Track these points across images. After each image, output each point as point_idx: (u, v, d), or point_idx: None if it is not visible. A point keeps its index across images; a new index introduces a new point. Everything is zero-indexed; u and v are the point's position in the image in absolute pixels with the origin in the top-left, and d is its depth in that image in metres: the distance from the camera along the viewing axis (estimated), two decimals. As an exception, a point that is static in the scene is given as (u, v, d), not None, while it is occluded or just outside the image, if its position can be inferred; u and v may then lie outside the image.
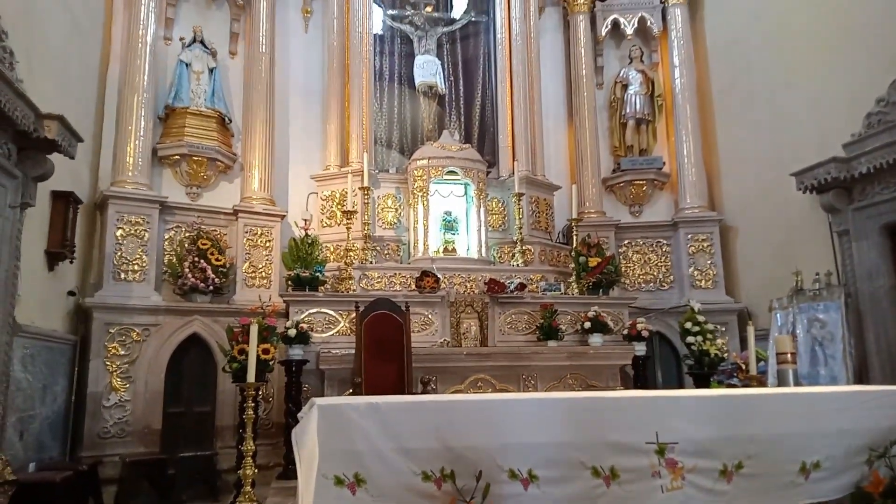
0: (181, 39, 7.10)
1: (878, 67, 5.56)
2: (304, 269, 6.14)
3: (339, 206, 7.10)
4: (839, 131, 5.83)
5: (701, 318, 6.19)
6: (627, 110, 8.43)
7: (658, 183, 8.33)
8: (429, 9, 8.53)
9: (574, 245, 7.29)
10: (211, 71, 7.07)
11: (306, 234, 6.44)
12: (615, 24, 8.51)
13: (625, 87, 8.51)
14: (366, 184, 6.82)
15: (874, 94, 5.52)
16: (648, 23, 8.46)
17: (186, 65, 6.95)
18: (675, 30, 8.31)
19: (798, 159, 6.23)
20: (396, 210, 7.29)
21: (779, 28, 7.07)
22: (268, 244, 6.92)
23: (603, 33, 8.52)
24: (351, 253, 6.60)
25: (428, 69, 8.37)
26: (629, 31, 8.49)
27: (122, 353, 6.00)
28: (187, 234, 6.48)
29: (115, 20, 6.90)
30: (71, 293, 5.77)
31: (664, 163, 8.33)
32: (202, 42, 7.14)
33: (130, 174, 6.35)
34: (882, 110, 5.52)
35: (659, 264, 8.05)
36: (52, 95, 4.99)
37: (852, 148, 5.71)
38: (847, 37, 6.07)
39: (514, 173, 7.36)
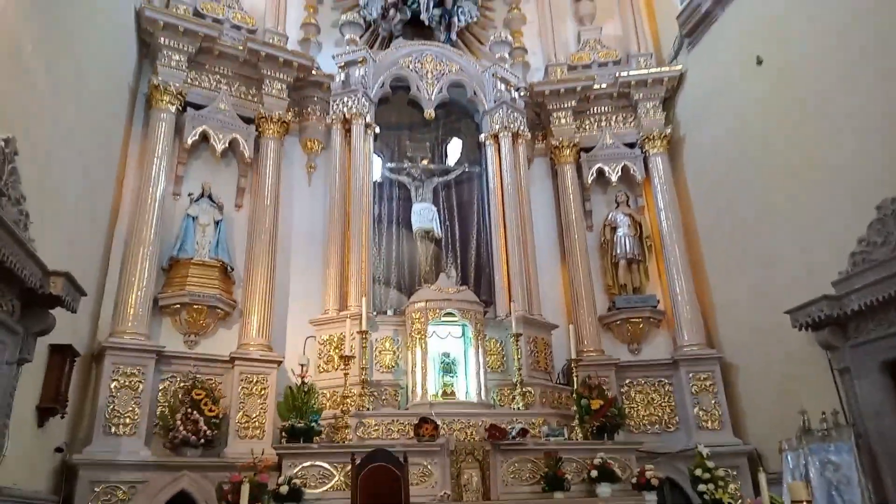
0: (190, 195, 7.48)
1: (858, 205, 5.77)
2: (300, 419, 6.00)
3: (337, 351, 7.07)
4: (827, 267, 5.98)
5: (711, 464, 5.98)
6: (618, 251, 8.68)
7: (654, 321, 8.38)
8: (425, 161, 9.06)
9: (575, 386, 7.19)
10: (216, 223, 7.37)
11: (303, 382, 6.36)
12: (600, 172, 8.98)
13: (614, 229, 8.82)
14: (364, 328, 6.85)
15: (856, 231, 5.70)
16: (632, 171, 8.96)
17: (193, 218, 7.26)
18: (657, 176, 8.78)
19: (790, 295, 6.33)
20: (394, 353, 7.26)
21: (757, 170, 7.42)
22: (263, 392, 6.82)
23: (589, 181, 8.97)
24: (348, 399, 6.49)
25: (425, 216, 8.72)
26: (614, 178, 8.95)
27: (106, 514, 5.69)
28: (182, 385, 6.41)
29: (127, 177, 7.31)
30: (59, 449, 5.58)
31: (658, 301, 8.44)
32: (210, 196, 7.51)
33: (130, 324, 6.41)
34: (865, 249, 5.69)
35: (663, 404, 7.89)
36: (60, 250, 5.16)
37: (842, 286, 5.83)
38: (825, 177, 6.34)
39: (510, 314, 7.42)
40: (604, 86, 9.21)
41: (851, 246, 5.77)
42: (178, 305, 6.86)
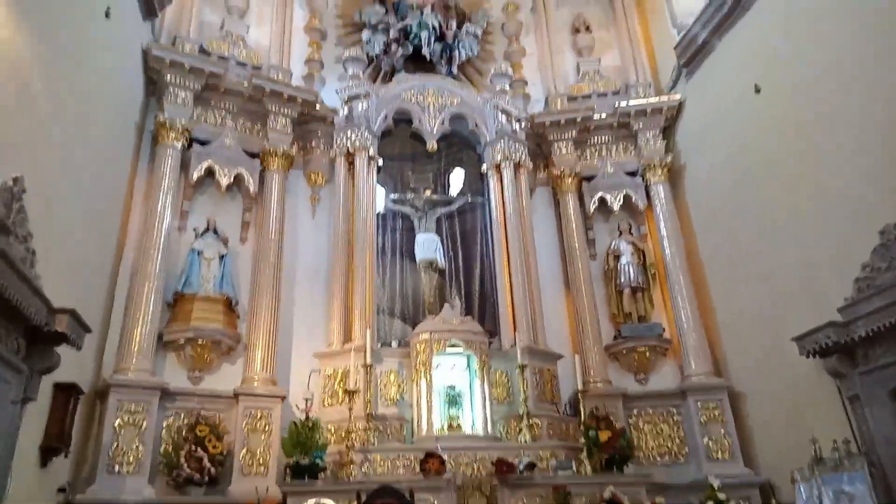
0: (195, 229, 7.52)
1: (861, 231, 5.74)
2: (304, 455, 5.94)
3: (342, 384, 7.02)
4: (832, 293, 5.94)
5: (722, 496, 5.88)
6: (622, 279, 8.66)
7: (661, 349, 8.32)
8: (428, 192, 9.13)
9: (582, 417, 7.11)
10: (221, 257, 7.40)
11: (307, 417, 6.31)
12: (602, 200, 9.00)
13: (617, 257, 8.81)
14: (368, 361, 6.82)
15: (860, 256, 5.67)
16: (633, 199, 8.98)
17: (198, 252, 7.29)
18: (659, 205, 8.81)
19: (796, 322, 6.28)
20: (399, 386, 7.20)
21: (758, 197, 7.42)
22: (267, 427, 6.76)
23: (591, 209, 9.00)
24: (353, 434, 6.42)
25: (428, 247, 8.75)
26: (616, 207, 8.97)
27: (106, 556, 5.60)
28: (186, 421, 6.36)
29: (132, 212, 7.37)
30: (61, 489, 5.52)
31: (664, 329, 8.39)
32: (215, 230, 7.55)
33: (135, 360, 6.39)
34: (869, 275, 5.66)
35: (672, 435, 7.78)
36: (66, 286, 5.18)
37: (848, 312, 5.78)
38: (827, 202, 6.33)
39: (515, 344, 7.39)
40: (603, 116, 9.30)
41: (856, 271, 5.74)
42: (183, 341, 6.85)
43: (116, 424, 6.07)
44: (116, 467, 5.95)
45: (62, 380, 5.27)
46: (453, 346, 7.25)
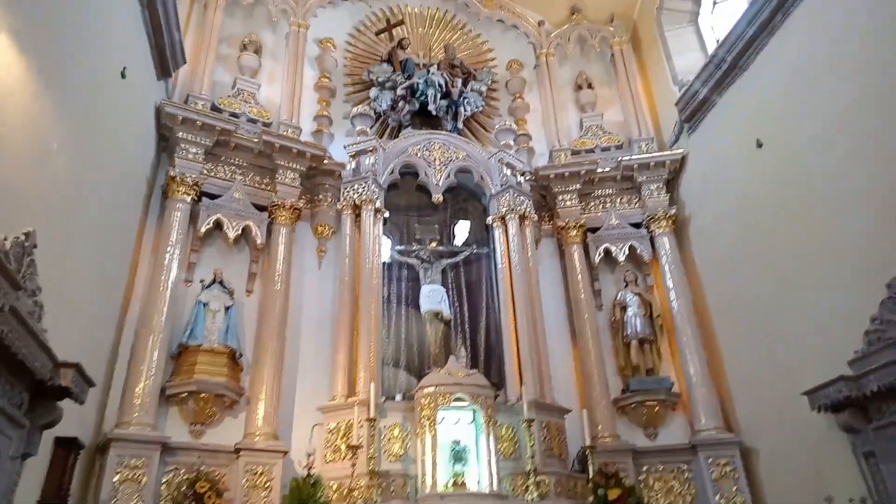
0: (201, 281, 7.57)
1: (869, 283, 5.72)
2: (306, 513, 5.81)
3: (345, 440, 6.89)
4: (843, 346, 5.86)
5: (736, 558, 5.66)
6: (629, 331, 8.60)
7: (670, 403, 8.19)
8: (434, 243, 9.19)
9: (590, 474, 6.94)
10: (227, 309, 7.42)
11: (309, 474, 6.20)
12: (607, 251, 9.05)
13: (624, 308, 8.78)
14: (372, 415, 6.72)
15: (869, 308, 5.62)
16: (638, 250, 9.02)
17: (204, 304, 7.32)
18: (664, 256, 8.83)
19: (807, 375, 6.20)
20: (403, 440, 7.07)
21: (765, 248, 7.44)
22: (268, 484, 6.64)
23: (597, 260, 9.03)
24: (355, 492, 6.28)
25: (433, 298, 8.74)
26: (621, 257, 9.01)
27: None
28: (186, 477, 6.26)
29: (140, 265, 7.45)
30: (57, 548, 5.39)
31: (672, 383, 8.28)
32: (221, 282, 7.60)
33: (136, 415, 6.35)
34: (879, 328, 5.60)
35: (683, 493, 7.56)
36: (72, 339, 5.19)
37: (858, 365, 5.70)
38: (833, 255, 6.34)
39: (522, 397, 7.28)
40: (607, 169, 9.44)
41: (865, 323, 5.68)
42: (186, 394, 6.81)
43: (116, 480, 5.97)
44: (115, 525, 5.82)
45: (63, 434, 5.22)
46: (458, 399, 7.15)
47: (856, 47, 6.14)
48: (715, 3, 9.65)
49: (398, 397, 7.68)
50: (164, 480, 6.31)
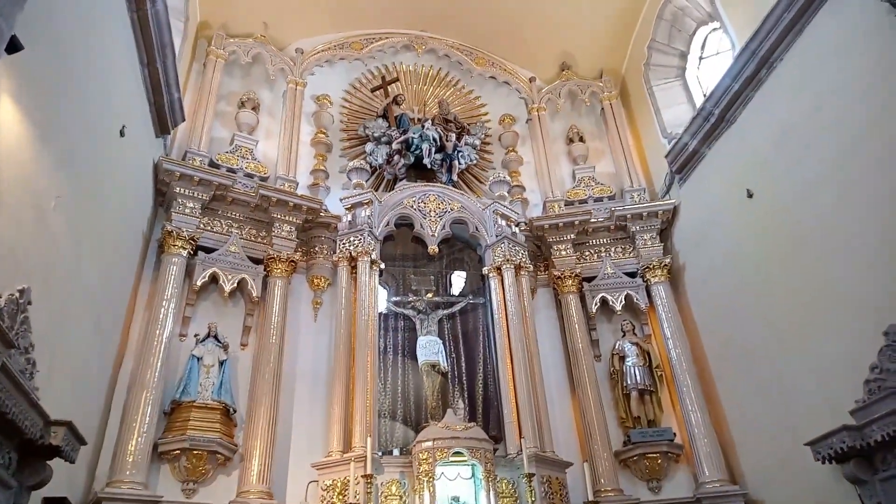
0: (196, 336, 7.52)
1: (866, 331, 5.71)
2: (301, 576, 5.60)
3: (341, 497, 6.73)
4: (842, 393, 5.82)
5: None
6: (629, 381, 8.52)
7: (673, 455, 8.04)
8: (430, 295, 9.18)
9: (593, 530, 6.76)
10: (221, 363, 7.34)
11: (305, 534, 6.01)
12: (604, 301, 9.06)
13: (622, 358, 8.72)
14: (369, 471, 6.57)
15: (868, 356, 5.60)
16: (635, 300, 9.03)
17: (198, 359, 7.24)
18: (661, 305, 8.84)
19: (809, 424, 6.13)
20: (401, 497, 6.89)
21: (760, 297, 7.45)
22: (263, 544, 6.43)
23: (593, 310, 9.03)
24: (352, 553, 6.09)
25: (430, 349, 8.67)
26: (618, 307, 9.01)
27: None
28: (177, 540, 6.07)
29: (134, 320, 7.39)
30: None
31: (675, 434, 8.15)
32: (215, 336, 7.54)
33: (128, 473, 6.19)
34: (879, 377, 5.56)
35: (689, 549, 7.37)
36: (64, 397, 5.12)
37: (860, 415, 5.64)
38: (829, 303, 6.34)
39: (521, 451, 7.14)
40: (601, 219, 9.55)
41: (864, 371, 5.65)
42: (178, 451, 6.66)
43: (104, 544, 5.78)
44: (101, 592, 5.59)
45: (52, 494, 5.07)
46: (457, 454, 7.01)
47: (839, 100, 6.31)
48: (701, 59, 9.96)
49: (395, 451, 7.55)
50: (155, 542, 6.11)
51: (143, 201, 7.78)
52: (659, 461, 7.94)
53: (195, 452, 6.65)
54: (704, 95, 8.81)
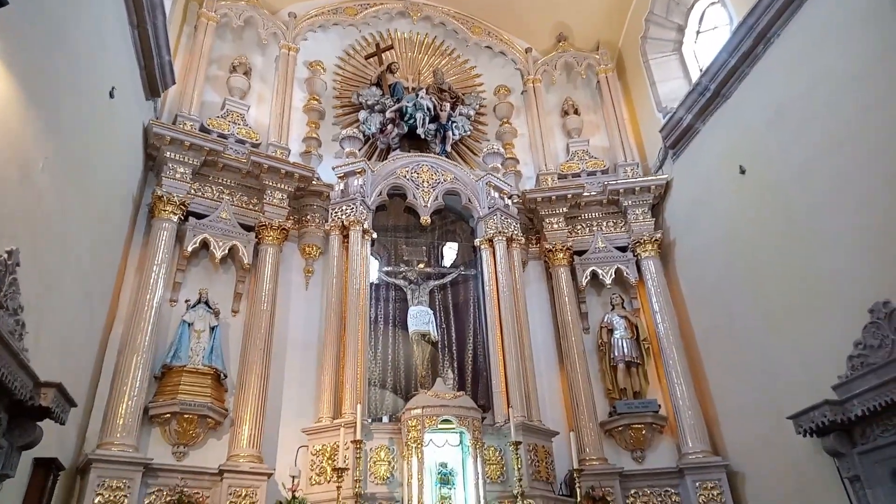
0: (186, 301, 7.51)
1: (852, 309, 5.80)
2: (290, 537, 5.71)
3: (330, 462, 6.83)
4: (827, 370, 5.94)
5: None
6: (616, 354, 8.62)
7: (657, 426, 8.18)
8: (421, 265, 9.20)
9: (578, 498, 6.90)
10: (212, 329, 7.36)
11: (293, 496, 6.10)
12: (594, 274, 9.12)
13: (610, 331, 8.81)
14: (358, 437, 6.66)
15: (852, 333, 5.71)
16: (625, 273, 9.09)
17: (189, 325, 7.25)
18: (650, 279, 8.90)
19: (792, 399, 6.25)
20: (389, 463, 7.00)
21: (748, 273, 7.52)
22: (252, 506, 6.53)
23: (583, 283, 9.08)
24: (341, 515, 6.19)
25: (421, 319, 8.73)
26: (608, 280, 9.07)
27: None
28: (168, 499, 6.14)
29: (125, 284, 7.37)
30: (32, 573, 5.24)
31: (660, 406, 8.28)
32: (206, 302, 7.54)
33: (118, 435, 6.24)
34: (861, 353, 5.67)
35: (670, 516, 7.56)
36: (54, 359, 5.13)
37: (842, 390, 5.76)
38: (817, 281, 6.43)
39: (509, 420, 7.24)
40: (593, 193, 9.55)
41: (849, 348, 5.76)
42: (169, 415, 6.71)
43: (97, 502, 5.84)
44: (93, 549, 5.68)
45: (42, 455, 5.11)
46: (445, 422, 7.10)
47: (835, 78, 6.30)
48: (698, 33, 9.87)
49: (385, 419, 7.64)
50: (147, 502, 6.17)
51: (133, 165, 7.69)
52: (643, 432, 8.08)
53: (186, 416, 6.70)
54: (701, 70, 8.75)
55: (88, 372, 6.46)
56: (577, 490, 6.98)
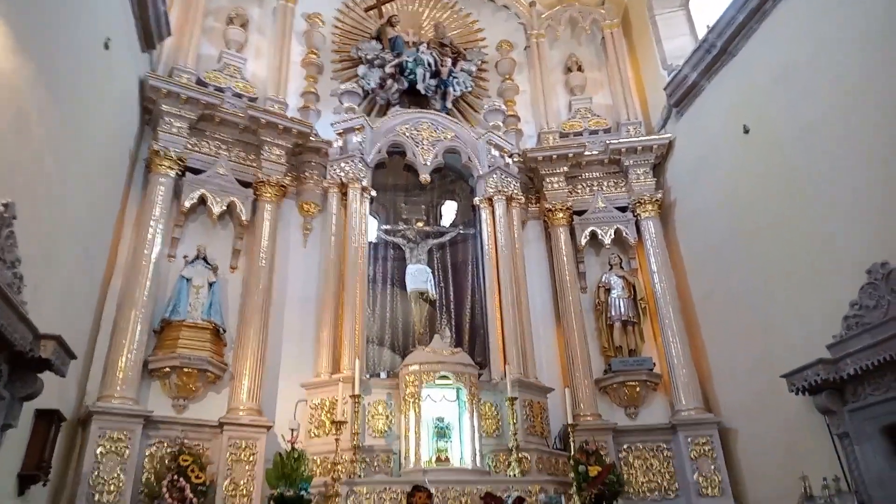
0: (185, 257, 7.52)
1: (850, 269, 5.81)
2: (289, 486, 5.84)
3: (329, 415, 6.94)
4: (823, 331, 5.98)
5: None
6: (613, 313, 8.67)
7: (651, 384, 8.29)
8: (420, 224, 9.18)
9: (572, 452, 7.04)
10: (210, 285, 7.38)
11: (293, 448, 6.23)
12: (593, 234, 9.09)
13: (608, 290, 8.84)
14: (356, 391, 6.76)
15: (849, 294, 5.73)
16: (624, 234, 9.07)
17: (187, 280, 7.27)
18: (649, 240, 8.88)
19: (787, 359, 6.29)
20: (387, 417, 7.13)
21: (748, 234, 7.50)
22: (252, 458, 6.67)
23: (582, 243, 9.06)
24: (339, 466, 6.33)
25: (419, 277, 8.76)
26: (607, 241, 9.05)
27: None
28: (169, 451, 6.27)
29: (122, 239, 7.36)
30: (38, 519, 5.39)
31: (654, 363, 8.38)
32: (205, 258, 7.54)
33: (119, 388, 6.33)
34: (858, 313, 5.70)
35: (662, 471, 7.71)
36: (53, 312, 5.15)
37: (836, 349, 5.81)
38: (816, 242, 6.43)
39: (505, 376, 7.34)
40: (595, 152, 9.45)
41: (845, 309, 5.79)
42: (168, 369, 6.79)
43: (98, 453, 5.97)
44: (96, 496, 5.82)
45: (44, 406, 5.19)
46: (443, 377, 7.20)
47: (845, 37, 6.15)
48: (706, -13, 9.61)
49: (383, 375, 7.73)
50: (147, 454, 6.31)
51: (129, 118, 7.59)
52: (637, 389, 8.20)
53: (185, 370, 6.78)
54: (708, 27, 8.55)
55: (88, 325, 6.51)
56: (571, 444, 7.10)
